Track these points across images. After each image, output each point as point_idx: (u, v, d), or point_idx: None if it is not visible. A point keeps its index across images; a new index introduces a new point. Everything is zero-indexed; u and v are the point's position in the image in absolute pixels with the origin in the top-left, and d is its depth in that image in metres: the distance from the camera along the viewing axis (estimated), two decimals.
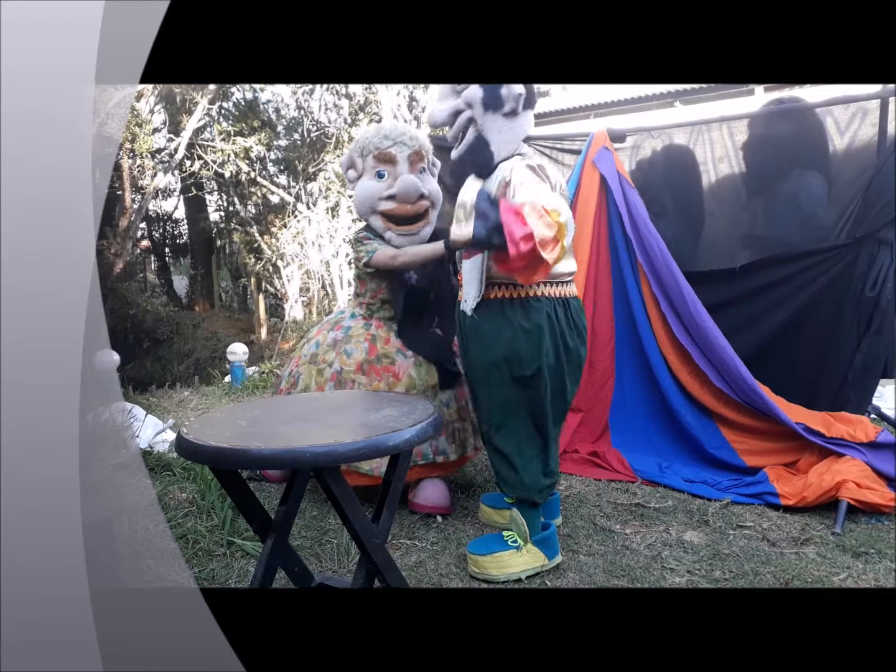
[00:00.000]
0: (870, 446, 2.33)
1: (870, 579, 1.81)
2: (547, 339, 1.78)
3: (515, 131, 1.86)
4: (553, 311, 1.80)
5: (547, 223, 1.55)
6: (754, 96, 6.75)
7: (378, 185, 2.36)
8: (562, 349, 1.81)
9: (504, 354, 1.80)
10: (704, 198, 2.92)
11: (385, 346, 2.39)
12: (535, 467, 1.85)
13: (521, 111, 1.85)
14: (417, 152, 2.37)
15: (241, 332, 9.60)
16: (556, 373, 1.82)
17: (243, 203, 9.93)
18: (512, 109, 1.82)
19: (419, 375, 2.32)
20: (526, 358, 1.78)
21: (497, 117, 1.85)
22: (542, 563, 1.86)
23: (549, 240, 1.55)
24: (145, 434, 3.12)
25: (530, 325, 1.78)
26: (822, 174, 2.64)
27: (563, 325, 1.81)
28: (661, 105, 7.78)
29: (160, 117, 9.66)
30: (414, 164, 2.37)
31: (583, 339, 1.87)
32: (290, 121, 9.90)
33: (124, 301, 8.11)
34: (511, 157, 1.86)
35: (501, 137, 1.85)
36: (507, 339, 1.79)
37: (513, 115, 1.84)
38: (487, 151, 1.87)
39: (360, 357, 2.37)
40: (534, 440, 1.85)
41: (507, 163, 1.82)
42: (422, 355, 2.35)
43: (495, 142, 1.86)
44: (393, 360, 2.35)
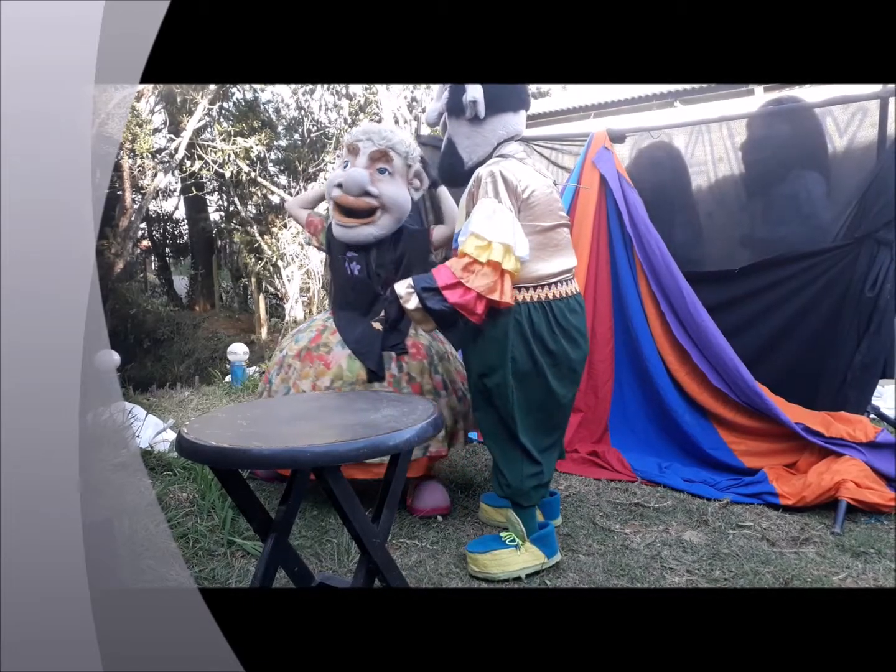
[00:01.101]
0: (869, 446, 2.33)
1: (869, 579, 1.81)
2: (516, 346, 1.77)
3: (486, 135, 1.85)
4: (526, 315, 1.78)
5: (482, 273, 1.62)
6: (754, 96, 6.75)
7: (338, 172, 2.37)
8: (539, 353, 1.78)
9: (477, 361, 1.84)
10: (696, 199, 2.93)
11: (330, 336, 2.40)
12: (517, 470, 1.84)
13: (489, 116, 1.82)
14: (382, 151, 2.31)
15: (241, 332, 9.60)
16: (534, 379, 1.79)
17: (243, 203, 9.93)
18: (473, 115, 1.81)
19: (350, 367, 2.28)
20: (491, 364, 1.79)
21: (462, 122, 1.86)
22: (542, 562, 1.86)
23: (492, 285, 1.63)
24: (145, 434, 3.12)
25: (496, 331, 1.78)
26: (822, 174, 2.64)
27: (540, 329, 1.78)
28: (661, 105, 7.77)
29: (160, 117, 9.67)
30: (374, 160, 2.31)
31: (572, 339, 1.82)
32: (291, 121, 9.90)
33: (124, 301, 8.12)
34: (488, 158, 1.86)
35: (470, 142, 1.87)
36: (479, 347, 1.83)
37: (477, 121, 1.83)
38: (455, 157, 1.89)
39: (303, 344, 2.40)
40: (514, 445, 1.85)
41: (479, 169, 1.82)
42: (348, 346, 2.31)
43: (464, 146, 1.88)
44: (330, 349, 2.35)
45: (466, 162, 1.89)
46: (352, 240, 2.35)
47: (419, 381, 2.28)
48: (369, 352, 2.27)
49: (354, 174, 2.26)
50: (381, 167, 2.32)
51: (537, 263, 1.79)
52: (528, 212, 1.78)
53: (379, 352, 2.27)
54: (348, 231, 2.33)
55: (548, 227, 1.82)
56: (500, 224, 1.68)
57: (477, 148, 1.87)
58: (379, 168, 2.32)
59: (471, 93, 1.78)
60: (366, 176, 2.27)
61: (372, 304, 2.38)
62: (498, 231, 1.66)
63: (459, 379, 2.41)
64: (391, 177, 2.34)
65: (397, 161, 2.35)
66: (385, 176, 2.33)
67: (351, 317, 2.39)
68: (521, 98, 1.90)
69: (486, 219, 1.69)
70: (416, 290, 1.66)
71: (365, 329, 2.29)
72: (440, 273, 1.67)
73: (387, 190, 2.30)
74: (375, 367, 2.25)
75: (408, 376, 2.28)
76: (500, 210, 1.70)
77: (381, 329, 2.21)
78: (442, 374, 2.35)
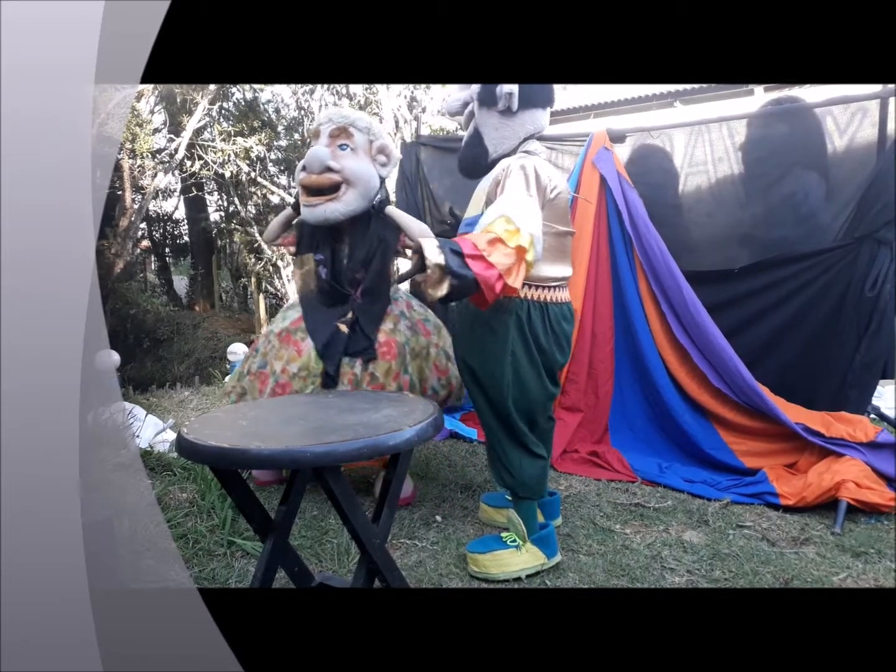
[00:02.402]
0: (869, 446, 2.34)
1: (869, 579, 1.81)
2: (516, 341, 1.79)
3: (515, 129, 1.87)
4: (526, 312, 1.80)
5: (505, 253, 1.59)
6: (754, 96, 6.75)
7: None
8: (535, 349, 1.81)
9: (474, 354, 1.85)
10: (695, 199, 2.93)
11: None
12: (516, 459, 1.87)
13: (520, 109, 1.84)
14: (341, 128, 2.31)
15: (241, 332, 9.59)
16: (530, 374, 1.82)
17: (243, 203, 9.93)
18: (506, 107, 1.83)
19: (317, 360, 2.28)
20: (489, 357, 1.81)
21: (492, 114, 1.87)
22: (542, 562, 1.86)
23: (510, 266, 1.59)
24: (145, 434, 3.12)
25: (498, 324, 1.79)
26: (822, 174, 2.64)
27: (536, 328, 1.80)
28: (661, 105, 7.77)
29: (160, 117, 9.67)
30: (334, 138, 2.31)
31: (560, 345, 1.86)
32: (291, 121, 9.90)
33: (124, 301, 8.12)
34: (513, 152, 1.87)
35: (498, 134, 1.87)
36: (477, 339, 1.83)
37: (509, 113, 1.85)
38: (481, 147, 1.90)
39: (286, 324, 2.41)
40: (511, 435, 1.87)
41: (507, 160, 1.83)
42: (316, 349, 2.30)
43: (491, 138, 1.88)
44: (305, 336, 2.35)
45: (491, 154, 1.89)
46: (318, 219, 2.29)
47: (382, 382, 2.25)
48: (332, 355, 2.26)
49: (314, 151, 2.26)
50: (341, 143, 2.32)
51: (544, 265, 1.79)
52: (549, 212, 1.79)
53: (339, 356, 2.26)
54: (314, 210, 2.28)
55: (561, 231, 1.85)
56: (531, 215, 1.68)
57: (504, 140, 1.87)
58: (340, 144, 2.31)
59: (508, 85, 1.79)
60: (326, 152, 2.26)
61: (339, 305, 2.36)
62: (528, 221, 1.65)
63: (436, 374, 2.38)
64: (353, 152, 2.33)
65: (358, 136, 2.34)
66: (347, 152, 2.31)
67: (320, 318, 2.37)
68: (550, 95, 1.92)
69: (519, 206, 1.67)
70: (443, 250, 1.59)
71: (332, 332, 2.29)
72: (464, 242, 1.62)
73: (348, 164, 2.28)
74: (334, 371, 2.24)
75: (370, 376, 2.25)
76: (531, 203, 1.71)
77: (346, 331, 2.25)
78: (412, 374, 2.31)
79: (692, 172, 2.93)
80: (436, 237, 1.70)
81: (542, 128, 1.92)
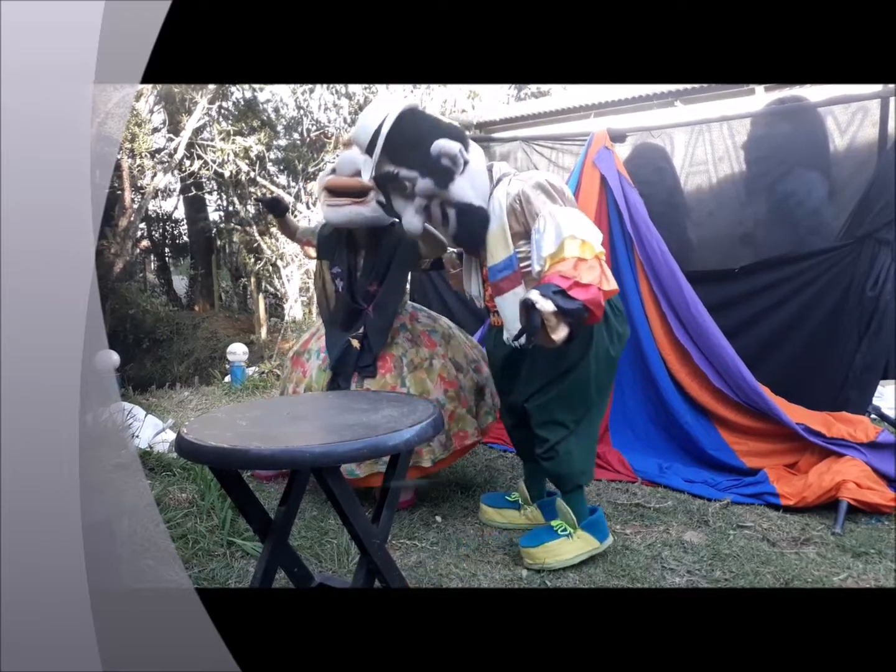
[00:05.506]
0: (870, 446, 2.33)
1: (870, 579, 1.81)
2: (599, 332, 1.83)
3: (479, 169, 1.82)
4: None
5: (588, 267, 1.59)
6: (754, 96, 6.74)
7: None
8: (616, 338, 1.87)
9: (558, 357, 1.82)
10: (695, 198, 2.93)
11: (315, 342, 2.48)
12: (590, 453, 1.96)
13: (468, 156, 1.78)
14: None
15: (241, 332, 9.58)
16: (608, 364, 1.88)
17: (243, 203, 9.92)
18: (465, 161, 1.76)
19: (318, 380, 2.34)
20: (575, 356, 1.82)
21: (459, 180, 1.77)
22: (594, 547, 1.90)
23: (599, 276, 1.60)
24: (145, 434, 3.12)
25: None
26: (823, 174, 2.64)
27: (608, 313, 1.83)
28: (661, 105, 7.76)
29: (160, 117, 9.65)
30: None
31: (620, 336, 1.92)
32: (290, 120, 9.89)
33: (124, 301, 8.10)
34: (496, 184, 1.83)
35: (476, 185, 1.81)
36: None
37: (466, 165, 1.78)
38: (478, 211, 1.81)
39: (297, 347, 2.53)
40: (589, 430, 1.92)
41: (502, 193, 1.79)
42: (330, 365, 2.32)
43: (473, 196, 1.80)
44: (309, 357, 2.41)
45: (484, 206, 1.83)
46: (343, 219, 2.26)
47: None
48: (345, 372, 2.29)
49: (348, 154, 2.26)
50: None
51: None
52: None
53: (352, 372, 2.29)
54: (339, 210, 2.25)
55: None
56: (582, 220, 1.69)
57: (483, 186, 1.82)
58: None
59: (446, 150, 1.71)
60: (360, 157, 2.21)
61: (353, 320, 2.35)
62: (585, 227, 1.66)
63: (442, 386, 2.31)
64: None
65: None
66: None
67: (335, 333, 2.38)
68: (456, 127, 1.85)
69: (568, 220, 1.67)
70: (547, 296, 1.53)
71: (344, 347, 2.30)
72: (553, 279, 1.58)
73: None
74: (347, 386, 2.27)
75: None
76: (572, 211, 1.72)
77: (357, 347, 2.28)
78: (409, 387, 2.27)
79: (693, 172, 2.93)
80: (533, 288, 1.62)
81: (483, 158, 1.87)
